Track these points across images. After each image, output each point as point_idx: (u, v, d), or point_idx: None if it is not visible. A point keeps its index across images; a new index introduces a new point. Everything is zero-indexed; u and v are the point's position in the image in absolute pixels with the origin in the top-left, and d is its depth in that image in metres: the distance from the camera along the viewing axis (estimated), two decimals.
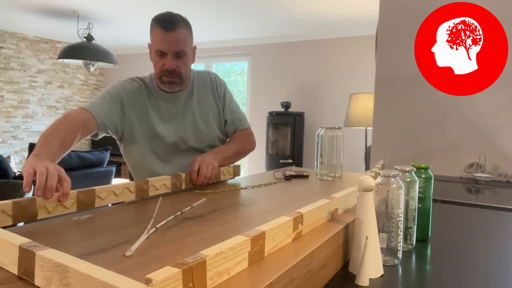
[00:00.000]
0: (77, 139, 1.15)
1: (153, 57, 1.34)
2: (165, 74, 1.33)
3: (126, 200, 0.97)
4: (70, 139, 1.11)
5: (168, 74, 1.33)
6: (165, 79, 1.34)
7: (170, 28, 1.29)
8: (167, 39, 1.29)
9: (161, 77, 1.34)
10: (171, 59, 1.31)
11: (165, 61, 1.31)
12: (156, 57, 1.32)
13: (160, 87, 1.39)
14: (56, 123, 1.12)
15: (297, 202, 1.00)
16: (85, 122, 1.19)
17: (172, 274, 0.40)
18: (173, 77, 1.34)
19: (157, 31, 1.30)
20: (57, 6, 4.22)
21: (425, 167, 0.85)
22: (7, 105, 5.66)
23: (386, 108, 2.20)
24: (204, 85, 1.50)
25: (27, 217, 0.73)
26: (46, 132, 1.08)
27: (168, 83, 1.35)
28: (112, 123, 1.30)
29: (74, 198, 0.82)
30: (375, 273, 0.66)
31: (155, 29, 1.31)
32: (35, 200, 0.75)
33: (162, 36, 1.29)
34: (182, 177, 1.11)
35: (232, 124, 1.52)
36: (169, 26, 1.29)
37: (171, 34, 1.29)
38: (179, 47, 1.31)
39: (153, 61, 1.35)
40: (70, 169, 3.41)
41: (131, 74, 6.69)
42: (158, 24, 1.30)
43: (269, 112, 4.88)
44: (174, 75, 1.33)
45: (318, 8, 3.89)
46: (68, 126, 1.12)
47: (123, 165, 5.92)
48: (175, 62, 1.32)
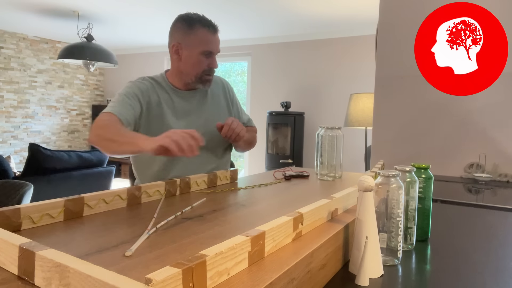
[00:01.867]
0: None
1: (195, 58, 1.39)
2: (208, 73, 1.42)
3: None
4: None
5: (210, 72, 1.43)
6: (206, 77, 1.43)
7: (215, 30, 1.41)
8: (215, 40, 1.40)
9: (202, 76, 1.42)
10: (215, 58, 1.42)
11: (210, 60, 1.41)
12: (201, 57, 1.39)
13: (197, 86, 1.45)
14: (101, 125, 1.20)
15: (297, 202, 1.00)
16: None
17: (172, 274, 0.40)
18: (212, 75, 1.45)
19: (204, 33, 1.38)
20: (57, 6, 4.22)
21: (425, 167, 0.85)
22: (7, 105, 5.67)
23: (386, 108, 2.20)
24: (217, 88, 1.57)
25: (10, 227, 0.68)
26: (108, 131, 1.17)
27: (208, 81, 1.44)
28: (135, 120, 1.35)
29: (61, 207, 0.77)
30: (375, 273, 0.66)
31: (201, 30, 1.38)
32: (19, 210, 0.70)
33: (210, 37, 1.39)
34: (177, 182, 1.07)
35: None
36: (214, 28, 1.41)
37: (216, 36, 1.41)
38: (219, 48, 1.44)
39: (194, 62, 1.39)
40: (70, 169, 3.41)
41: (131, 74, 6.66)
42: (204, 26, 1.38)
43: (269, 112, 4.88)
44: (212, 73, 1.45)
45: (318, 8, 3.89)
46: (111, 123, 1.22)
47: (123, 165, 5.92)
48: (216, 62, 1.43)
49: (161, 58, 6.25)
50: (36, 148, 3.15)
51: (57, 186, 3.30)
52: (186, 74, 1.43)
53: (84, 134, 6.77)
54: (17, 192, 2.65)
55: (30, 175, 3.12)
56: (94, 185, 3.59)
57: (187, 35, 1.38)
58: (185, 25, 1.39)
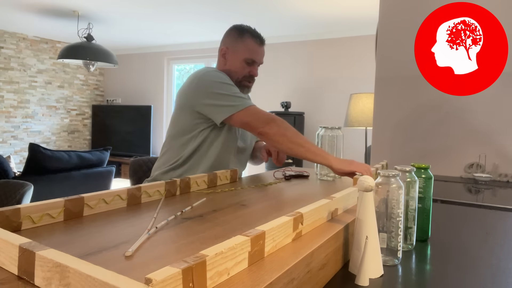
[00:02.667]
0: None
1: (239, 63, 1.51)
2: (248, 80, 1.54)
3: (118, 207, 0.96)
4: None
5: (251, 80, 1.55)
6: (246, 83, 1.54)
7: (263, 42, 1.53)
8: (260, 51, 1.52)
9: (242, 81, 1.53)
10: (257, 67, 1.54)
11: (252, 68, 1.52)
12: (244, 63, 1.51)
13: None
14: (290, 128, 1.38)
15: (297, 202, 1.00)
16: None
17: (172, 274, 0.40)
18: (252, 83, 1.57)
19: (252, 42, 1.50)
20: (57, 6, 4.22)
21: (425, 167, 0.85)
22: (7, 105, 5.66)
23: (386, 108, 2.20)
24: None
25: (10, 227, 0.68)
26: (295, 136, 1.34)
27: (247, 87, 1.56)
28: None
29: (61, 207, 0.77)
30: (375, 273, 0.66)
31: (249, 40, 1.50)
32: (19, 210, 0.70)
33: (257, 48, 1.51)
34: (177, 182, 1.07)
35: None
36: (262, 41, 1.53)
37: (263, 48, 1.54)
38: (263, 59, 1.56)
39: (237, 66, 1.51)
40: (70, 169, 3.41)
41: (131, 74, 6.63)
42: (253, 37, 1.51)
43: (269, 112, 4.88)
44: (253, 81, 1.57)
45: (318, 8, 3.90)
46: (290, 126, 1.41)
47: (123, 165, 5.91)
48: (257, 71, 1.55)
49: (161, 58, 6.24)
50: (36, 148, 3.15)
51: (57, 186, 3.30)
52: (229, 76, 1.51)
53: (84, 134, 6.77)
54: (17, 192, 2.65)
55: (30, 175, 3.12)
56: (94, 185, 3.59)
57: (236, 42, 1.51)
58: (236, 33, 1.52)
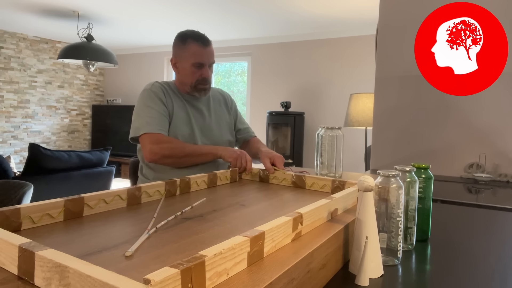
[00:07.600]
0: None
1: (188, 69, 1.54)
2: (201, 83, 1.56)
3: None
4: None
5: (204, 82, 1.56)
6: (201, 86, 1.57)
7: (207, 43, 1.55)
8: (205, 53, 1.54)
9: (197, 85, 1.56)
10: (207, 69, 1.55)
11: (202, 71, 1.54)
12: (193, 68, 1.54)
13: (194, 94, 1.60)
14: (173, 145, 1.45)
15: (297, 202, 1.00)
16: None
17: (170, 274, 0.40)
18: (207, 84, 1.57)
19: (195, 46, 1.53)
20: (57, 6, 4.22)
21: (425, 167, 0.85)
22: (7, 105, 5.66)
23: (386, 108, 2.20)
24: (218, 98, 1.75)
25: (10, 227, 0.67)
26: (183, 149, 1.45)
27: (203, 90, 1.58)
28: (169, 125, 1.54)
29: (61, 207, 0.77)
30: (375, 273, 0.66)
31: (192, 44, 1.53)
32: (19, 210, 0.70)
33: (202, 50, 1.53)
34: (177, 182, 1.07)
35: (244, 132, 1.78)
36: (206, 42, 1.54)
37: (209, 48, 1.55)
38: (212, 59, 1.58)
39: (188, 73, 1.55)
40: (70, 169, 3.41)
41: (131, 74, 6.65)
42: (196, 40, 1.53)
43: (269, 112, 4.88)
44: (207, 83, 1.57)
45: (318, 8, 3.89)
46: (175, 143, 1.47)
47: (123, 165, 5.91)
48: (209, 72, 1.57)
49: (161, 58, 6.24)
50: (36, 148, 3.15)
51: (57, 186, 3.30)
52: (184, 84, 1.59)
53: (84, 134, 6.77)
54: (17, 192, 2.65)
55: (30, 175, 3.12)
56: (94, 185, 3.59)
57: (181, 49, 1.55)
58: (179, 41, 1.56)
